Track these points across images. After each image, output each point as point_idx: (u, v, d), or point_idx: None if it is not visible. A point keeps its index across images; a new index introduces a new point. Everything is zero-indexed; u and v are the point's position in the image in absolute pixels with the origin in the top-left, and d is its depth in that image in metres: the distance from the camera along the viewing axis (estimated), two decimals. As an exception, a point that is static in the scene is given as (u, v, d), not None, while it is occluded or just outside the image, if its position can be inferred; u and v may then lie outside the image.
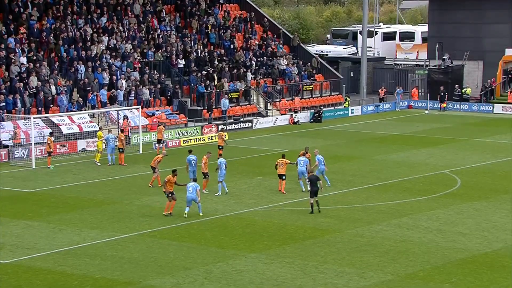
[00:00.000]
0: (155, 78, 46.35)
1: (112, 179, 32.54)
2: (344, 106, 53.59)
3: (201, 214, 26.49)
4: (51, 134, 35.86)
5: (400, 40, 70.30)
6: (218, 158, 30.56)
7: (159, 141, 38.31)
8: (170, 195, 26.45)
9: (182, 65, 48.69)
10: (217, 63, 50.36)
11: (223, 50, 51.93)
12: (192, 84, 47.68)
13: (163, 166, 31.94)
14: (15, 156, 35.82)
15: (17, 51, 42.20)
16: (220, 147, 36.01)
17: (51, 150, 34.85)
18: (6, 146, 36.48)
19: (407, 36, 70.38)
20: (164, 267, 21.30)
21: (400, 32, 70.84)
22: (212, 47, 51.79)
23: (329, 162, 36.86)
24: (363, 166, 35.53)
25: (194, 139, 42.34)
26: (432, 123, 48.96)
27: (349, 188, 30.94)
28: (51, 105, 41.27)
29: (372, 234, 24.59)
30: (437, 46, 57.36)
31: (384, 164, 35.90)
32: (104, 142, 35.47)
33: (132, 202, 28.63)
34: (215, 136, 41.98)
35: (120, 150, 35.23)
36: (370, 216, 26.80)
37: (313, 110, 50.94)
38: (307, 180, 28.03)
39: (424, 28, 66.66)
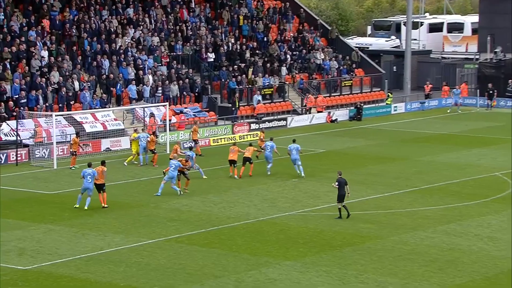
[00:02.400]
0: (183, 73, 46.59)
1: (138, 181, 32.82)
2: (386, 103, 53.30)
3: (86, 208, 27.51)
4: (77, 134, 35.87)
5: (448, 32, 69.55)
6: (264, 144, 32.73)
7: (194, 142, 38.21)
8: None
9: (212, 59, 48.87)
10: (250, 57, 50.43)
11: (256, 43, 51.98)
12: (223, 80, 47.82)
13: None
14: (36, 156, 36.27)
15: (38, 44, 42.72)
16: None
17: (75, 150, 34.82)
18: (26, 145, 36.93)
19: (456, 27, 69.59)
20: (192, 275, 21.42)
21: (448, 23, 70.07)
22: (244, 39, 51.87)
23: (371, 163, 36.84)
24: (407, 168, 35.31)
25: (224, 138, 42.46)
26: (482, 121, 48.43)
27: (391, 191, 30.76)
28: (74, 102, 41.68)
29: (416, 242, 24.44)
30: (488, 38, 56.69)
31: (430, 166, 35.64)
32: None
33: (158, 205, 28.84)
34: (251, 134, 42.04)
35: (152, 151, 35.39)
36: (415, 222, 26.65)
37: (352, 107, 50.78)
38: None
39: (475, 18, 65.89)
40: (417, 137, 43.80)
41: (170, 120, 41.04)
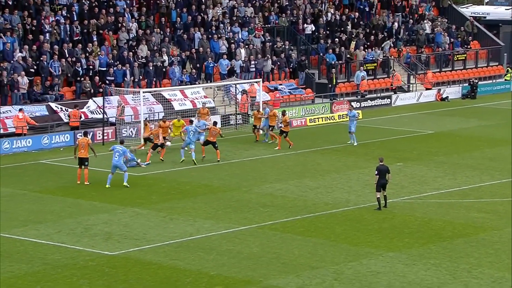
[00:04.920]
0: (278, 46, 46.66)
1: (229, 163, 33.21)
2: (505, 80, 52.35)
3: (125, 184, 28.77)
4: (145, 121, 35.28)
5: None
6: None
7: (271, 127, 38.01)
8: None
9: (310, 32, 48.73)
10: (351, 28, 50.00)
11: (357, 13, 51.50)
12: (321, 54, 47.64)
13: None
14: (123, 134, 37.13)
15: (126, 15, 43.62)
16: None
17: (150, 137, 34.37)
18: (113, 124, 37.87)
19: None
20: (287, 265, 21.57)
21: None
22: (345, 9, 51.41)
23: (486, 146, 36.00)
24: (528, 152, 34.47)
25: (322, 117, 42.35)
26: None
27: (509, 177, 30.07)
28: (162, 78, 42.39)
29: (538, 234, 23.86)
30: None
31: (553, 150, 34.67)
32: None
33: (251, 190, 29.14)
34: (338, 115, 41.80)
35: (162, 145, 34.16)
36: (536, 213, 26.02)
37: (466, 84, 49.81)
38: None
39: None
40: (539, 117, 42.66)
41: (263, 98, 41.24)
